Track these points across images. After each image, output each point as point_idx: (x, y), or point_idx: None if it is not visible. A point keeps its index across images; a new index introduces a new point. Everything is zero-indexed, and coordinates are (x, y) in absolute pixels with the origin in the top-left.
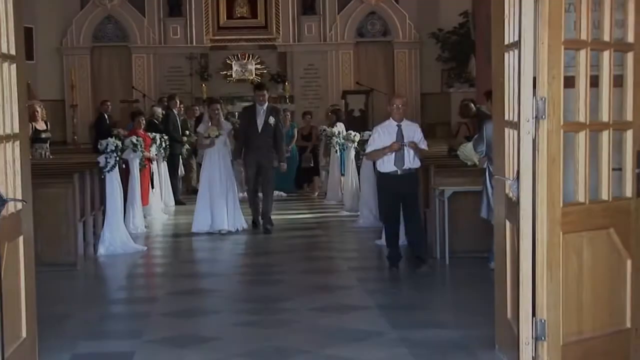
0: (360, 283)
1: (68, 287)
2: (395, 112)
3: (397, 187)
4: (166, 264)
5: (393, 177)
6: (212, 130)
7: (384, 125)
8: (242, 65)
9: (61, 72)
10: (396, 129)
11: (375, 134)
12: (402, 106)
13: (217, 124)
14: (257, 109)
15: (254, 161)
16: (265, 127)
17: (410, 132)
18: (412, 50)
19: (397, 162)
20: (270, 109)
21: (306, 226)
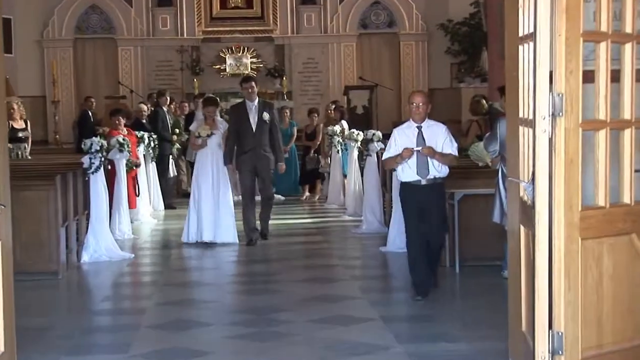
0: (363, 293)
1: (49, 298)
2: (415, 112)
3: (420, 200)
4: (155, 272)
5: (415, 187)
6: (202, 129)
7: (403, 128)
8: (236, 59)
9: (42, 67)
10: (416, 132)
11: (393, 137)
12: (423, 105)
13: (212, 122)
14: (248, 105)
15: (249, 165)
16: (259, 125)
17: (434, 135)
18: (420, 42)
19: (420, 169)
20: (263, 104)
21: (305, 232)
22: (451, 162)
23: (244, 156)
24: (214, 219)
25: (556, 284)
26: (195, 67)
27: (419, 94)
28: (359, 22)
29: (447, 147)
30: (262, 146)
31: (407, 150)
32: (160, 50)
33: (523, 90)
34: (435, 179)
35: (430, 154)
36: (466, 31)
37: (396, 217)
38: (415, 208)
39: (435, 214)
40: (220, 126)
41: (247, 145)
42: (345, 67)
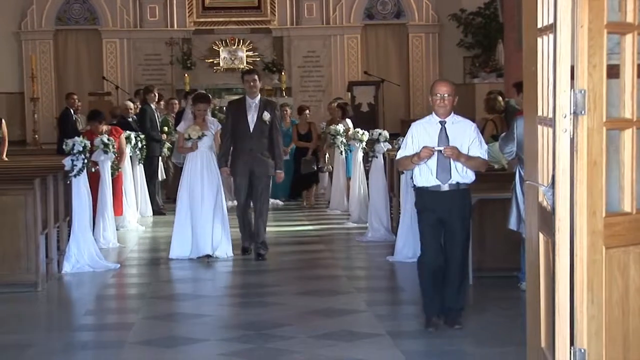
0: (369, 306)
1: (28, 312)
2: (439, 105)
3: (439, 209)
4: (142, 284)
5: (434, 194)
6: (192, 130)
7: (423, 123)
8: (231, 53)
9: (19, 60)
10: (438, 129)
11: (410, 133)
12: (449, 96)
13: (202, 122)
14: (248, 102)
15: (244, 169)
16: (258, 126)
17: (459, 134)
18: (430, 34)
19: (441, 172)
20: (265, 103)
21: (306, 240)
22: (479, 167)
23: (240, 159)
24: (209, 232)
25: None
26: (186, 61)
27: (445, 84)
28: (364, 12)
29: (475, 148)
30: (259, 149)
31: (426, 150)
32: (148, 43)
33: (542, 86)
34: (458, 184)
35: (453, 155)
36: (480, 22)
37: (404, 224)
38: (433, 219)
39: (457, 227)
40: (211, 126)
41: (243, 148)
42: (349, 61)
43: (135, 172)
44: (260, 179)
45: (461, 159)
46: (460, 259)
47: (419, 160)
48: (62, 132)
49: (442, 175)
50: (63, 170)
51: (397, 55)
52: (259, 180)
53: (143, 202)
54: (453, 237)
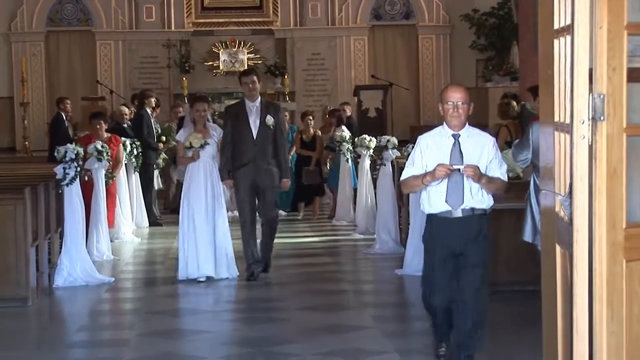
0: (376, 323)
1: (18, 328)
2: (452, 114)
3: (451, 240)
4: (138, 298)
5: (444, 222)
6: (194, 138)
7: (433, 135)
8: (231, 55)
9: (9, 63)
10: (451, 143)
11: (417, 148)
12: (464, 104)
13: (203, 129)
14: (248, 105)
15: (247, 181)
16: (262, 131)
17: (476, 149)
18: (441, 35)
19: (452, 196)
20: (267, 105)
21: (311, 252)
22: (498, 189)
23: (242, 170)
24: (211, 251)
25: (597, 312)
26: (184, 64)
27: (459, 89)
28: (371, 12)
29: (494, 167)
30: (264, 157)
31: (442, 168)
32: (145, 45)
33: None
34: (473, 210)
35: (475, 176)
36: (494, 23)
37: (414, 235)
38: (443, 252)
39: (472, 261)
40: (213, 133)
41: (246, 156)
42: (355, 64)
43: (130, 181)
44: (266, 191)
45: (482, 180)
46: (476, 300)
47: (433, 181)
48: (54, 139)
49: (453, 199)
50: (55, 178)
51: (406, 58)
52: (265, 192)
53: (139, 212)
54: (467, 274)
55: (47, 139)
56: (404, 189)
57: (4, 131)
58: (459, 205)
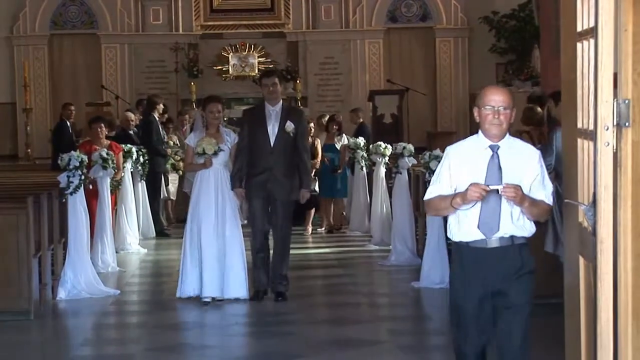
0: (392, 337)
1: (20, 342)
2: (491, 122)
3: (486, 276)
4: (144, 312)
5: (478, 254)
6: (207, 144)
7: (466, 146)
8: (241, 59)
9: (11, 68)
10: (489, 156)
11: (446, 161)
12: (506, 110)
13: (216, 133)
14: (267, 110)
15: (262, 191)
16: (280, 138)
17: (518, 164)
18: (459, 38)
19: (486, 221)
20: (288, 110)
21: (324, 264)
22: (541, 215)
23: (257, 179)
24: (218, 268)
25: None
26: (192, 68)
27: (500, 91)
28: (386, 14)
29: (539, 188)
30: (281, 167)
31: (476, 188)
32: (151, 49)
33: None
34: (512, 239)
35: (515, 198)
36: (514, 25)
37: (431, 246)
38: (477, 292)
39: (515, 301)
40: (227, 138)
41: (261, 165)
42: (370, 69)
43: (137, 189)
44: (281, 203)
45: (524, 203)
46: (522, 352)
47: (464, 204)
48: (57, 146)
49: (487, 226)
50: (58, 187)
51: (422, 62)
52: (280, 205)
53: (145, 222)
54: (510, 319)
55: (50, 146)
56: (429, 211)
57: (6, 138)
58: (493, 232)
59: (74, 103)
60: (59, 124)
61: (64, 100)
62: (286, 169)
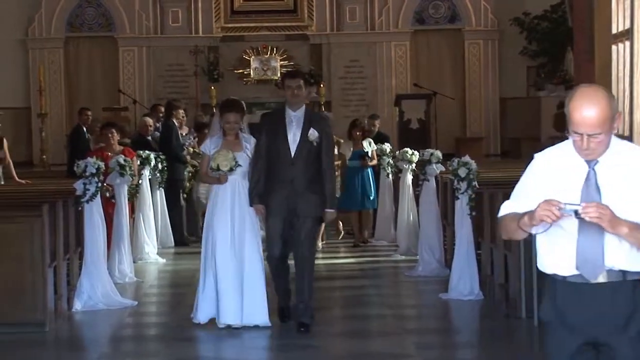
0: (419, 350)
1: (34, 355)
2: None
3: (588, 322)
4: (162, 324)
5: (577, 291)
6: (223, 159)
7: (559, 156)
8: (263, 62)
9: (26, 71)
10: (585, 170)
11: (530, 171)
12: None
13: (235, 140)
14: (288, 115)
15: (282, 207)
16: (302, 147)
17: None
18: (489, 41)
19: (584, 254)
20: (311, 116)
21: (348, 274)
22: None
23: (276, 193)
24: (232, 293)
25: None
26: (212, 71)
27: (593, 108)
28: (413, 16)
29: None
30: (303, 180)
31: (546, 206)
32: (170, 52)
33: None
34: (624, 274)
35: (602, 220)
36: (546, 27)
37: (460, 256)
38: (575, 342)
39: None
40: (246, 145)
41: (281, 177)
42: (396, 72)
43: (155, 197)
44: (303, 220)
45: (621, 228)
46: None
47: (532, 225)
48: (73, 152)
49: (584, 260)
50: (74, 195)
51: (451, 65)
52: (302, 222)
53: (163, 231)
54: None
55: (66, 152)
56: (502, 233)
57: (21, 144)
58: (597, 268)
59: (90, 108)
60: (75, 129)
61: (80, 105)
62: (309, 181)
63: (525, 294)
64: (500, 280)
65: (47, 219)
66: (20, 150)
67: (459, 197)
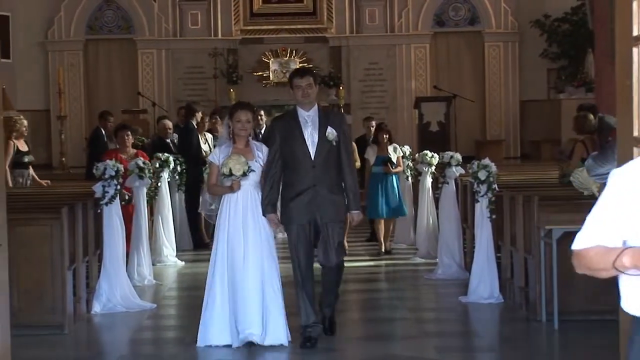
0: (439, 353)
1: (53, 357)
2: None
3: None
4: (181, 327)
5: None
6: (236, 163)
7: None
8: (282, 64)
9: (45, 74)
10: None
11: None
12: None
13: (245, 148)
14: (301, 116)
15: (304, 215)
16: (322, 149)
17: None
18: (509, 43)
19: None
20: (326, 115)
21: (367, 277)
22: None
23: (297, 200)
24: (256, 309)
25: None
26: (231, 74)
27: None
28: (433, 18)
29: None
30: (326, 183)
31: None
32: (189, 54)
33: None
34: None
35: None
36: (567, 29)
37: (479, 259)
38: None
39: None
40: (258, 154)
41: (302, 182)
42: (416, 74)
43: (174, 200)
44: (330, 226)
45: None
46: None
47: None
48: (92, 155)
49: None
50: (93, 197)
51: (471, 67)
52: (331, 228)
53: (183, 234)
54: None
55: (85, 155)
56: (578, 266)
57: (40, 146)
58: None
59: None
60: (94, 132)
61: (99, 107)
62: (332, 184)
63: (546, 298)
64: (520, 284)
65: (67, 222)
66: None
67: (479, 200)
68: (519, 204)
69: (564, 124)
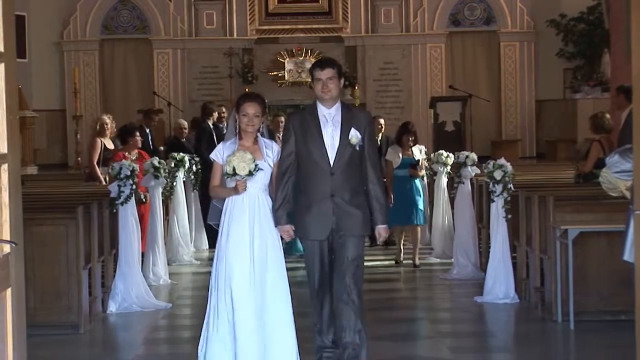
0: (454, 354)
1: (69, 356)
2: None
3: None
4: (197, 326)
5: None
6: (240, 160)
7: None
8: (297, 64)
9: (61, 74)
10: None
11: None
12: None
13: (252, 146)
14: (321, 113)
15: (321, 227)
16: (343, 151)
17: None
18: (525, 42)
19: None
20: (351, 113)
21: (381, 277)
22: None
23: (313, 210)
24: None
25: None
26: (247, 73)
27: None
28: (448, 18)
29: None
30: (347, 192)
31: None
32: (205, 54)
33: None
34: None
35: None
36: (583, 29)
37: (495, 259)
38: None
39: None
40: (267, 152)
41: (319, 190)
42: (431, 74)
43: (189, 199)
44: (348, 240)
45: None
46: None
47: None
48: None
49: None
50: (109, 197)
51: (486, 67)
52: (350, 243)
53: (198, 234)
54: None
55: None
56: None
57: (56, 146)
58: None
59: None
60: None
61: (114, 107)
62: (353, 193)
63: (561, 298)
64: (536, 284)
65: (82, 221)
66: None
67: (495, 199)
68: (534, 204)
69: (580, 123)
